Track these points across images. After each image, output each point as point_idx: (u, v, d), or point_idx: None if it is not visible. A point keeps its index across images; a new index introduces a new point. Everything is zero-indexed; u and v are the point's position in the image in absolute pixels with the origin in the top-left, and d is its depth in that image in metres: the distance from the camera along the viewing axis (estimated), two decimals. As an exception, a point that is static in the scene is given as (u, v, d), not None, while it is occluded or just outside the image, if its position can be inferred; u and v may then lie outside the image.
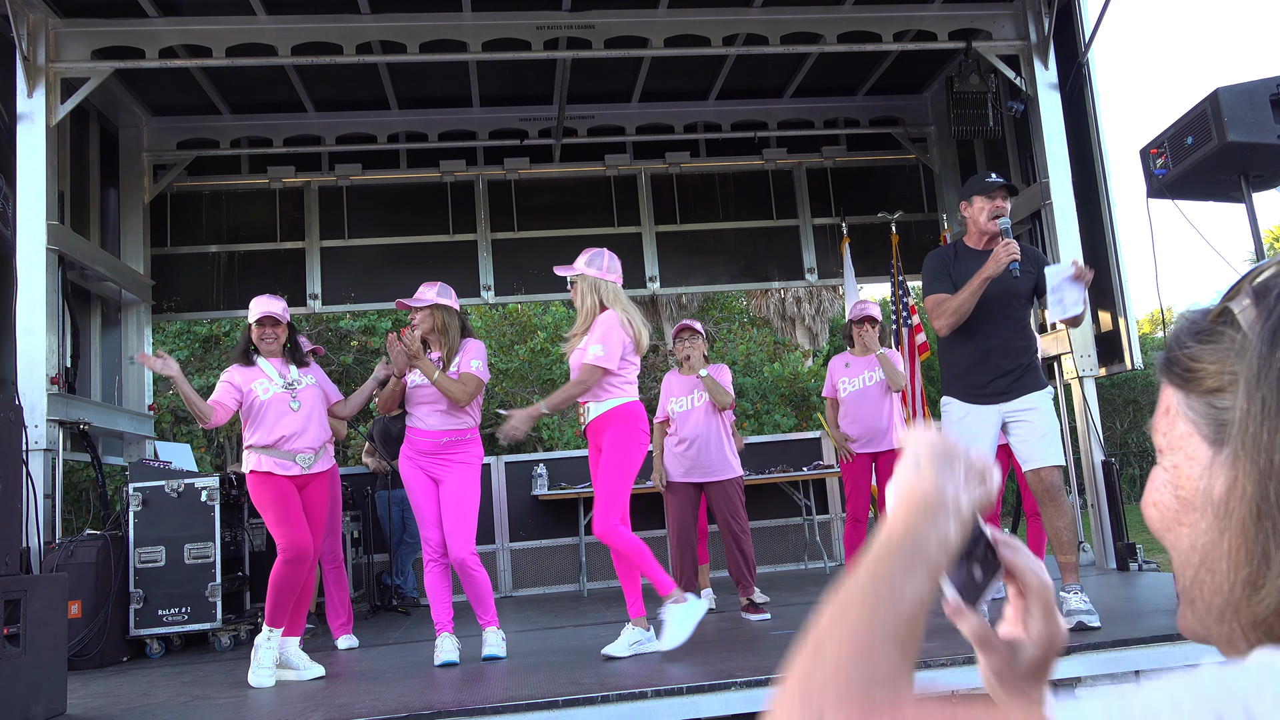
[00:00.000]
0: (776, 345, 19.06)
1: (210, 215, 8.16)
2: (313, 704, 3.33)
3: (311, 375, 4.43)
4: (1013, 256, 3.63)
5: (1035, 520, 5.19)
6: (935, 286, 3.87)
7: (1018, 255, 3.65)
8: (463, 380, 4.14)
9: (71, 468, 8.82)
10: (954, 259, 3.92)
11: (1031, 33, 6.68)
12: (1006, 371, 3.80)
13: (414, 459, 4.22)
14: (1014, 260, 3.63)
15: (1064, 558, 3.77)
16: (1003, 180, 3.88)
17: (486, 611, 4.13)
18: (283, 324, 4.37)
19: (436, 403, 4.17)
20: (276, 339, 4.36)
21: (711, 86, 7.97)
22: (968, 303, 3.71)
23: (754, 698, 3.02)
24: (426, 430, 4.19)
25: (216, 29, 6.23)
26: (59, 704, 3.47)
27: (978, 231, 3.93)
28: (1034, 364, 3.85)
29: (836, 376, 5.56)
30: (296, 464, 4.25)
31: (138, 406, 7.37)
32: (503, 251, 8.36)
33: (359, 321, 15.22)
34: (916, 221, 8.65)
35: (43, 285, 5.61)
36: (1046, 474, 3.74)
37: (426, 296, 4.22)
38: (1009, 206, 3.88)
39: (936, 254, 4.01)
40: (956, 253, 3.96)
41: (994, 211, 3.84)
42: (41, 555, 5.04)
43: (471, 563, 4.05)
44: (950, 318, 3.77)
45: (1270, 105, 3.99)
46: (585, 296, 4.04)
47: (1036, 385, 3.83)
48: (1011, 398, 3.80)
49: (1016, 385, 3.79)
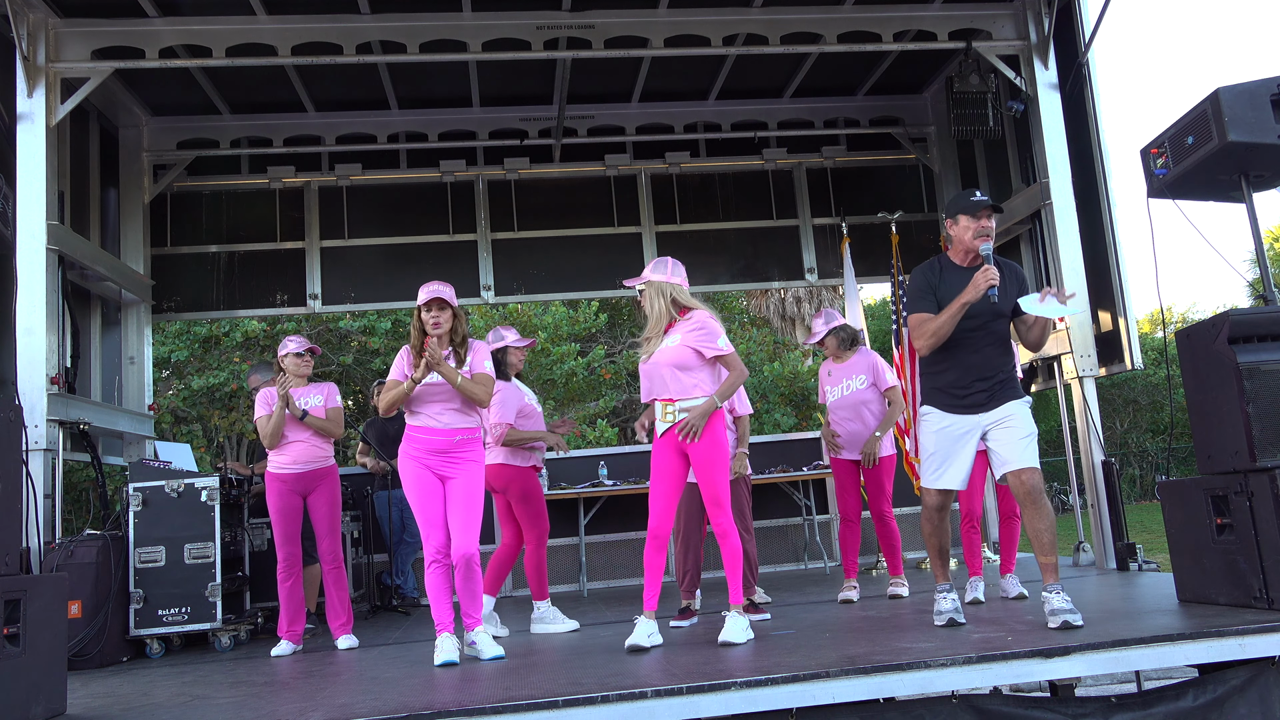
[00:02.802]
0: (776, 345, 19.07)
1: (210, 215, 8.16)
2: (313, 704, 3.33)
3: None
4: (991, 283, 3.74)
5: (1008, 523, 5.23)
6: (918, 305, 3.98)
7: (996, 281, 3.75)
8: (480, 381, 4.24)
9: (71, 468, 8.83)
10: (939, 276, 4.00)
11: (1031, 33, 6.69)
12: (986, 385, 3.89)
13: (420, 458, 4.20)
14: (992, 286, 3.74)
15: (1045, 559, 3.81)
16: (988, 200, 3.93)
17: (477, 610, 4.18)
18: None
19: (450, 401, 4.21)
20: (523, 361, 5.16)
21: (711, 86, 7.97)
22: (947, 325, 3.84)
23: (754, 698, 3.02)
24: (440, 429, 4.21)
25: (216, 29, 6.23)
26: (59, 704, 3.47)
27: (963, 249, 3.98)
28: (1011, 377, 3.95)
29: (824, 383, 5.65)
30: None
31: (138, 406, 7.37)
32: (503, 251, 8.36)
33: (359, 321, 15.22)
34: (916, 221, 8.65)
35: (43, 285, 5.61)
36: (1026, 476, 3.80)
37: (448, 296, 4.26)
38: (994, 225, 3.93)
39: (922, 270, 4.08)
40: (941, 268, 4.03)
41: (979, 231, 3.90)
42: (41, 555, 5.04)
43: (476, 560, 4.14)
44: (930, 339, 3.89)
45: (1270, 105, 4.00)
46: (654, 301, 4.18)
47: (1013, 396, 3.92)
48: (989, 409, 3.90)
49: (993, 398, 3.89)
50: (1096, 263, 6.44)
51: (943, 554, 4.10)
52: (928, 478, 4.01)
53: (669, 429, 4.08)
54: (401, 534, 6.98)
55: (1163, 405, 21.24)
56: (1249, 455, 3.74)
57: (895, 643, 3.61)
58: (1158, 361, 20.24)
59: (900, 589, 5.28)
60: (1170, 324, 23.66)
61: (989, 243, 3.87)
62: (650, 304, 4.20)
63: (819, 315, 5.73)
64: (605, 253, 8.44)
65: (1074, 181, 6.45)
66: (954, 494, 4.03)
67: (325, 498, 5.01)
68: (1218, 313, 4.07)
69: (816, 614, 4.80)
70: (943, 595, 4.02)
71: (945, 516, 4.05)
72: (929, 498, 4.03)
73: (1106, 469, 6.10)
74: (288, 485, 4.93)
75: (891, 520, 5.42)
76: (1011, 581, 5.03)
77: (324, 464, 5.03)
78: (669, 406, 4.09)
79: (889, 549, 5.44)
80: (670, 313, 4.18)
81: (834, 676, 3.07)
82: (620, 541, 7.62)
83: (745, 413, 5.19)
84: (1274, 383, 3.78)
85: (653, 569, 4.07)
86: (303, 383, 5.09)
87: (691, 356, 4.08)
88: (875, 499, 5.41)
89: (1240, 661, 3.32)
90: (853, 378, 5.46)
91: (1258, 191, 4.30)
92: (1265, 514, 3.65)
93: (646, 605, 4.03)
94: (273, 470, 4.95)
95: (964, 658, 3.17)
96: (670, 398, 4.09)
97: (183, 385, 14.63)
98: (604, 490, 7.16)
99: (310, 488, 4.99)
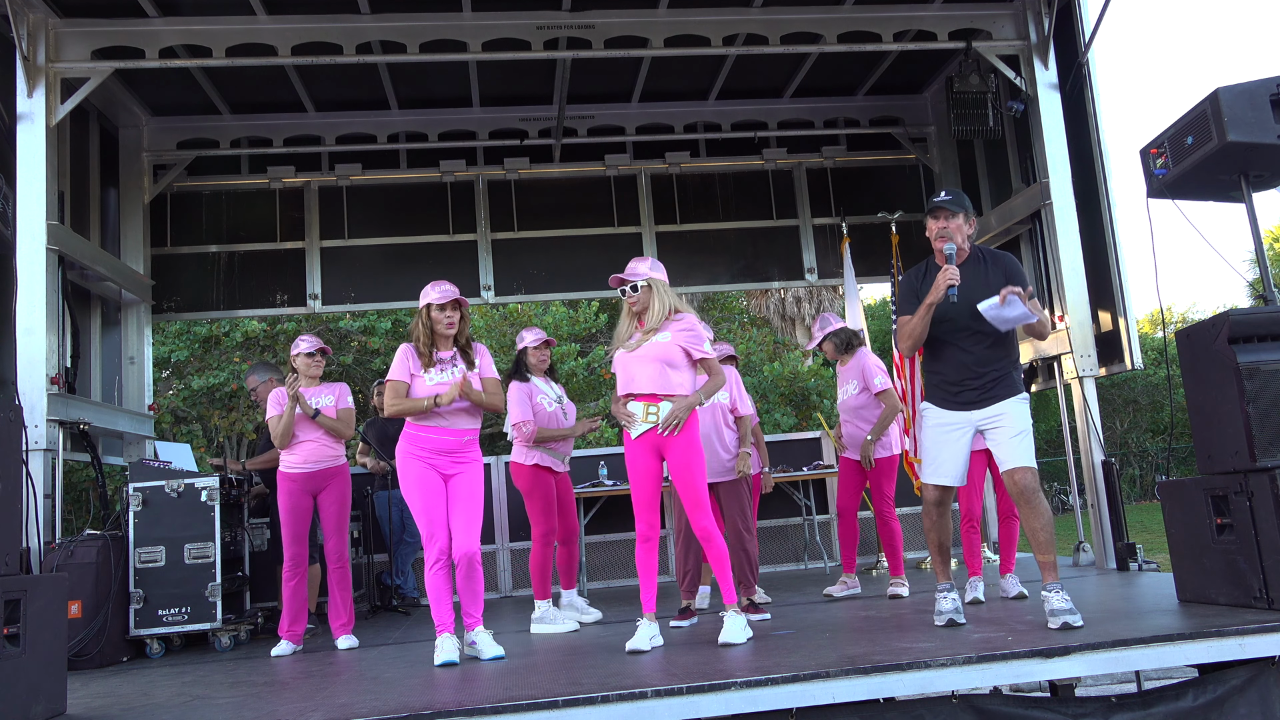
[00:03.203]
0: (776, 345, 19.07)
1: (210, 215, 8.16)
2: (313, 704, 3.33)
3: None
4: (951, 282, 3.79)
5: (1007, 523, 5.26)
6: (903, 309, 4.08)
7: (955, 281, 3.80)
8: (493, 389, 4.39)
9: (71, 468, 8.83)
10: (923, 279, 4.04)
11: (1031, 33, 6.69)
12: (977, 382, 3.91)
13: (425, 458, 4.21)
14: (952, 286, 3.79)
15: (1043, 557, 3.82)
16: (943, 200, 3.97)
17: (478, 609, 4.20)
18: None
19: (462, 402, 4.27)
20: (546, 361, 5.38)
21: (711, 86, 7.97)
22: (919, 327, 3.93)
23: (754, 698, 3.02)
24: (451, 429, 4.24)
25: (216, 29, 6.23)
26: (59, 704, 3.47)
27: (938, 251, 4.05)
28: (1007, 374, 3.93)
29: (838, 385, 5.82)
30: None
31: (138, 406, 7.37)
32: (503, 251, 8.37)
33: (359, 321, 15.22)
34: (916, 221, 8.62)
35: (43, 285, 5.61)
36: (1020, 475, 3.82)
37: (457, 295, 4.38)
38: (955, 225, 3.93)
39: (908, 275, 4.16)
40: (926, 270, 4.08)
41: (937, 233, 3.95)
42: (41, 555, 5.04)
43: (478, 558, 4.19)
44: (906, 341, 4.01)
45: (1270, 105, 4.00)
46: (663, 296, 4.20)
47: (1009, 393, 3.91)
48: (982, 406, 3.91)
49: (986, 395, 3.91)
50: (1096, 263, 6.44)
51: (943, 551, 4.11)
52: (924, 472, 4.07)
53: (647, 431, 4.06)
54: (401, 534, 6.97)
55: (1163, 405, 21.24)
56: (1249, 455, 3.74)
57: (895, 643, 3.61)
58: (1158, 361, 20.24)
59: (900, 589, 5.29)
60: (1170, 324, 23.67)
61: (950, 243, 3.91)
62: (658, 299, 4.20)
63: (817, 320, 5.82)
64: (605, 253, 8.43)
65: (1074, 181, 6.45)
66: (953, 491, 4.04)
67: (335, 497, 5.04)
68: (1218, 313, 4.07)
69: (816, 614, 4.80)
70: (943, 595, 4.02)
71: (945, 513, 4.06)
72: (927, 493, 4.06)
73: (1106, 469, 6.10)
74: (299, 484, 4.97)
75: (893, 521, 5.46)
76: (1011, 581, 5.03)
77: (335, 463, 5.07)
78: (651, 406, 4.08)
79: (890, 549, 5.46)
80: (670, 313, 4.21)
81: (834, 676, 3.07)
82: (620, 541, 7.62)
83: (746, 413, 5.20)
84: (1274, 383, 3.78)
85: (647, 571, 4.09)
86: (314, 383, 5.10)
87: (680, 356, 4.12)
88: (876, 499, 5.51)
89: (1240, 661, 3.32)
90: (848, 383, 5.61)
91: (1257, 191, 4.30)
92: (1265, 514, 3.65)
93: (645, 608, 4.04)
94: (284, 469, 4.99)
95: (964, 658, 3.17)
96: (653, 394, 4.07)
97: (183, 385, 14.63)
98: (604, 490, 7.17)
99: (321, 486, 5.03)
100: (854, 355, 5.61)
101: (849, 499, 5.61)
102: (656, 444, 4.08)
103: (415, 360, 4.26)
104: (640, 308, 4.22)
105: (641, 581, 4.09)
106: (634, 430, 4.10)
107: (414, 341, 4.30)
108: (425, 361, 4.25)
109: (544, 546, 5.09)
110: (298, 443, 4.99)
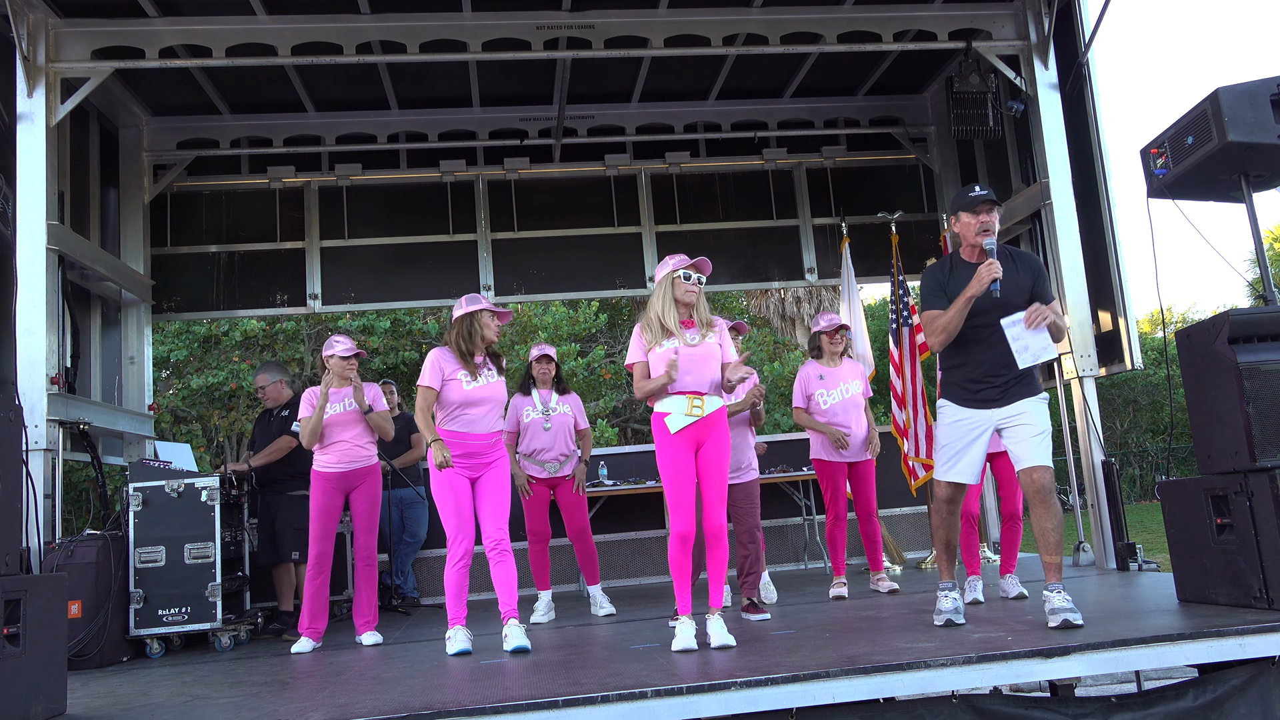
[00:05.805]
0: (776, 345, 19.07)
1: (210, 215, 8.16)
2: (313, 704, 3.33)
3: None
4: (994, 277, 3.75)
5: (1009, 524, 5.25)
6: (929, 303, 4.00)
7: (999, 275, 3.76)
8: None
9: (71, 468, 8.83)
10: (949, 274, 4.01)
11: (1031, 33, 6.69)
12: (998, 380, 3.89)
13: (456, 462, 4.42)
14: (995, 281, 3.75)
15: (1049, 558, 3.82)
16: (986, 194, 3.93)
17: (513, 600, 4.32)
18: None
19: (498, 408, 4.56)
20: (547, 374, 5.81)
21: (711, 86, 7.97)
22: (955, 320, 3.87)
23: (754, 698, 3.02)
24: (484, 433, 4.50)
25: (216, 29, 6.23)
26: (59, 704, 3.47)
27: (969, 246, 4.01)
28: (1027, 373, 3.89)
29: (812, 388, 5.66)
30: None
31: (138, 406, 7.37)
32: (503, 251, 8.36)
33: (358, 321, 15.22)
34: (916, 221, 8.65)
35: (43, 285, 5.61)
36: (1037, 474, 3.80)
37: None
38: (995, 219, 3.92)
39: (932, 269, 4.11)
40: (952, 266, 4.04)
41: (980, 227, 3.91)
42: (41, 555, 5.04)
43: (508, 544, 4.41)
44: (940, 335, 3.93)
45: (1270, 105, 4.00)
46: (702, 296, 4.29)
47: (1029, 392, 3.90)
48: (1002, 405, 3.90)
49: (1007, 393, 3.89)
50: (1096, 263, 6.44)
51: (949, 550, 4.11)
52: (940, 470, 4.05)
53: (689, 425, 4.00)
54: (401, 534, 6.98)
55: (1163, 405, 21.24)
56: (1249, 455, 3.74)
57: (895, 643, 3.61)
58: (1158, 361, 20.24)
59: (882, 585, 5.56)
60: (1170, 324, 23.67)
61: (991, 238, 3.88)
62: (702, 298, 4.26)
63: (834, 314, 5.90)
64: (605, 253, 8.45)
65: (1074, 181, 6.45)
66: (965, 489, 4.04)
67: (366, 495, 5.10)
68: (1218, 313, 4.07)
69: (816, 614, 4.80)
70: (944, 594, 4.02)
71: (955, 510, 4.06)
72: (939, 490, 4.05)
73: (1106, 469, 6.10)
74: (332, 484, 5.01)
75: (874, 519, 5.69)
76: (1011, 581, 5.03)
77: (368, 463, 5.13)
78: (695, 400, 4.03)
79: (871, 546, 5.68)
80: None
81: (834, 676, 3.07)
82: (620, 541, 7.61)
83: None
84: (1274, 383, 3.78)
85: (681, 571, 3.97)
86: (346, 384, 5.11)
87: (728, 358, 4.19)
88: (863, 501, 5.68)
89: (1240, 661, 3.32)
90: (849, 381, 5.71)
91: (1258, 191, 4.30)
92: (1265, 514, 3.65)
93: (681, 609, 3.95)
94: (318, 469, 5.04)
95: (964, 658, 3.17)
96: (697, 390, 4.05)
97: (182, 385, 14.63)
98: (604, 490, 7.16)
99: (354, 485, 5.09)
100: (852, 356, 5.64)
101: (845, 504, 5.65)
102: (697, 439, 4.04)
103: (456, 363, 4.49)
104: (694, 299, 4.22)
105: (676, 581, 3.98)
106: (679, 422, 4.02)
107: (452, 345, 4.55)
108: (468, 366, 4.50)
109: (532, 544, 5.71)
110: (332, 442, 5.03)
